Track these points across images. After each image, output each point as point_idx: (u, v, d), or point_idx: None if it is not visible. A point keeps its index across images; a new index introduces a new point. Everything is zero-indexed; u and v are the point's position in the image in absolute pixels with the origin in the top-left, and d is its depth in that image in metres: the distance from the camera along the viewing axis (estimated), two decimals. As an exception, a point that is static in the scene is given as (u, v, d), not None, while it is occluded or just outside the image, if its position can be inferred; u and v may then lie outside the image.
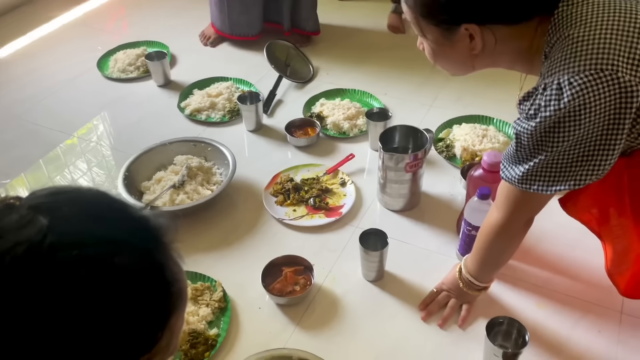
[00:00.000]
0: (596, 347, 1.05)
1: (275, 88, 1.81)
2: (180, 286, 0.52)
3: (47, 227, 0.44)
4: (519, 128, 0.84)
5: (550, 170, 0.83)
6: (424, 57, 0.99)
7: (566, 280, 1.18)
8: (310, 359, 0.97)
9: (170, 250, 0.52)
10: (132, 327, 0.47)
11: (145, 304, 0.48)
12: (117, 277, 0.46)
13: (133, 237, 0.50)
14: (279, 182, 1.45)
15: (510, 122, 1.59)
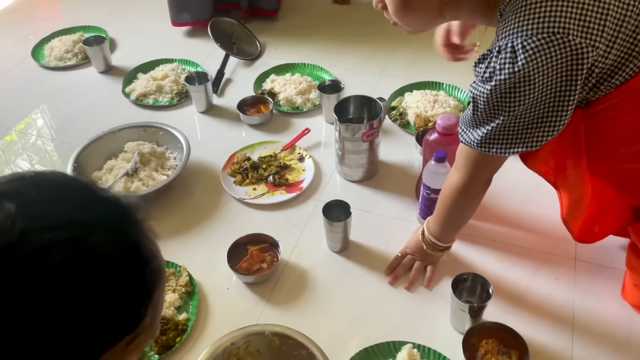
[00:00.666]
0: (555, 294, 1.11)
1: (223, 67, 1.77)
2: (158, 263, 0.52)
3: (15, 212, 0.43)
4: (475, 92, 0.85)
5: (508, 133, 0.86)
6: (371, 28, 0.99)
7: (522, 234, 1.23)
8: (283, 331, 0.97)
9: (144, 228, 0.51)
10: (114, 307, 0.47)
11: (125, 283, 0.47)
12: (93, 258, 0.45)
13: (105, 217, 0.49)
14: (236, 162, 1.43)
15: (459, 86, 1.63)
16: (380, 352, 1.01)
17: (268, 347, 0.98)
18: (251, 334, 0.97)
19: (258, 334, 0.97)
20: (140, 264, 0.49)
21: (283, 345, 0.97)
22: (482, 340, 0.99)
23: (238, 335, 0.96)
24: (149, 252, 0.50)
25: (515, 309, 1.08)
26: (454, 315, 1.04)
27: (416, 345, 1.00)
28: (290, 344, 0.96)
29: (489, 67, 0.82)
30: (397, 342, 1.01)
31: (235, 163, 1.43)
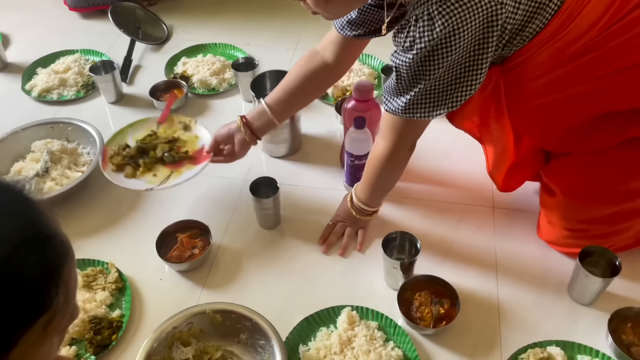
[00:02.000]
0: (478, 241, 1.17)
1: (129, 54, 1.69)
2: (61, 239, 0.51)
3: None
4: (397, 61, 0.88)
5: (430, 97, 0.90)
6: (280, 2, 0.97)
7: (443, 189, 1.29)
8: (224, 307, 0.98)
9: (40, 206, 0.51)
10: (19, 288, 0.46)
11: (27, 262, 0.46)
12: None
13: (5, 199, 0.49)
14: (115, 154, 1.24)
15: (372, 54, 1.65)
16: (321, 319, 1.03)
17: (211, 325, 0.98)
18: (192, 315, 0.97)
19: (199, 314, 0.97)
20: (42, 240, 0.48)
21: (226, 321, 0.97)
22: (416, 294, 1.03)
23: (179, 319, 0.96)
24: (49, 229, 0.50)
25: (444, 260, 1.13)
26: (387, 274, 1.08)
27: (354, 307, 1.03)
28: (233, 318, 0.97)
29: (408, 36, 0.84)
30: (336, 307, 1.04)
31: (115, 156, 1.24)
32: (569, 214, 1.08)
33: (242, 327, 0.97)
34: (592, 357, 0.95)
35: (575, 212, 1.07)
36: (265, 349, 0.95)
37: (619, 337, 0.97)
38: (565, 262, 1.10)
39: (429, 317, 1.00)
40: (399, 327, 1.01)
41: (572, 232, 1.09)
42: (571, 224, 1.08)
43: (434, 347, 0.99)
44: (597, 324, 1.00)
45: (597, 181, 1.02)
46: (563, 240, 1.11)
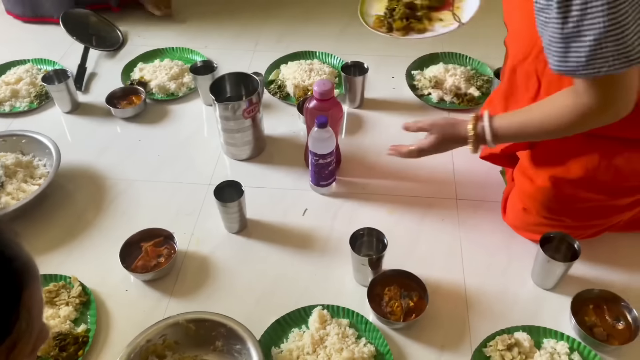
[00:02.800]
0: (443, 233, 1.19)
1: (83, 61, 1.64)
2: (23, 261, 0.49)
3: None
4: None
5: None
6: (237, 4, 0.97)
7: (408, 184, 1.30)
8: (197, 316, 0.97)
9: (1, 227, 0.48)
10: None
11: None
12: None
13: None
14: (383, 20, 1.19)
15: (331, 53, 1.66)
16: (292, 320, 1.03)
17: (186, 336, 0.97)
18: (166, 327, 0.95)
19: (173, 325, 0.96)
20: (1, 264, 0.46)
21: (200, 330, 0.96)
22: (385, 289, 1.04)
23: (152, 332, 0.94)
24: (9, 252, 0.47)
25: (411, 254, 1.15)
26: (356, 270, 1.09)
27: (325, 306, 1.03)
28: (207, 326, 0.96)
29: None
30: (306, 307, 1.04)
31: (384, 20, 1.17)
32: (555, 204, 1.05)
33: (216, 334, 0.96)
34: (557, 340, 0.98)
35: (562, 203, 1.05)
36: (241, 353, 0.94)
37: (581, 319, 1.00)
38: (528, 249, 1.13)
39: (399, 311, 1.01)
40: (370, 323, 1.01)
41: (549, 220, 1.09)
42: (552, 213, 1.07)
43: (406, 341, 1.00)
44: (561, 307, 1.03)
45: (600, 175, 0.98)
46: (533, 227, 1.12)
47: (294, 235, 1.20)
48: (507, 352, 0.96)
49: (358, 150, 1.39)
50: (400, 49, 1.72)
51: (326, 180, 1.26)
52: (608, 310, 1.01)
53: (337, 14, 1.90)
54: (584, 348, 0.96)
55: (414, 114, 1.48)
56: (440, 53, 1.65)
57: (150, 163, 1.38)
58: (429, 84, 1.53)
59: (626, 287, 1.06)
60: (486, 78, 1.56)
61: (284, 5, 1.94)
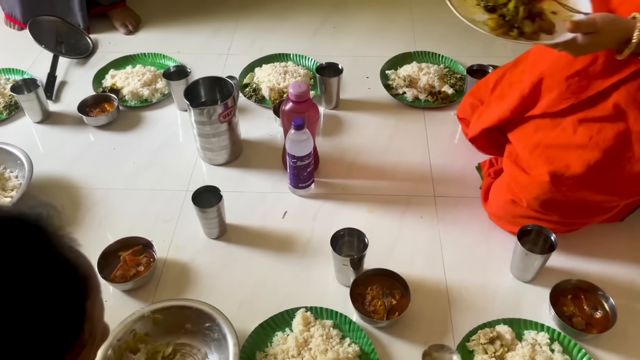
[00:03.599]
0: (422, 230, 1.20)
1: (53, 70, 1.61)
2: (84, 270, 0.49)
3: None
4: None
5: None
6: (208, 8, 0.96)
7: (386, 183, 1.31)
8: (161, 305, 0.99)
9: (61, 238, 0.48)
10: (46, 326, 0.44)
11: (52, 298, 0.44)
12: (15, 281, 0.42)
13: (17, 236, 0.45)
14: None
15: (306, 55, 1.66)
16: (276, 323, 1.02)
17: (154, 326, 1.00)
18: (133, 322, 0.98)
19: (139, 319, 0.98)
20: (65, 275, 0.46)
21: (168, 317, 0.99)
22: (367, 288, 1.04)
23: (121, 330, 0.96)
24: (71, 262, 0.47)
25: (392, 252, 1.15)
26: (338, 271, 1.09)
27: (309, 308, 1.03)
28: (173, 312, 1.00)
29: None
30: (290, 310, 1.03)
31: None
32: (550, 200, 1.04)
33: (184, 317, 0.99)
34: (538, 331, 1.00)
35: (558, 199, 1.04)
36: (212, 329, 0.98)
37: (560, 309, 1.02)
38: (506, 243, 1.14)
39: (382, 309, 1.01)
40: (354, 323, 1.01)
41: (537, 213, 1.09)
42: (544, 207, 1.06)
43: (390, 339, 1.01)
44: (540, 299, 1.05)
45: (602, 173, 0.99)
46: (517, 220, 1.11)
47: (275, 238, 1.19)
48: (489, 345, 0.97)
49: (336, 151, 1.39)
50: (373, 49, 1.73)
51: (305, 182, 1.26)
52: (586, 300, 1.03)
53: (310, 15, 1.90)
54: (563, 338, 0.98)
55: (389, 113, 1.50)
56: (413, 52, 1.67)
57: (125, 171, 1.35)
58: (403, 83, 1.55)
59: (602, 276, 1.09)
60: (459, 76, 1.58)
61: (255, 8, 1.93)
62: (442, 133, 1.43)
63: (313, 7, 1.95)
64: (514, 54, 1.68)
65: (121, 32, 1.82)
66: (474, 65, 1.49)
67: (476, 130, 1.21)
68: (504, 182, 1.15)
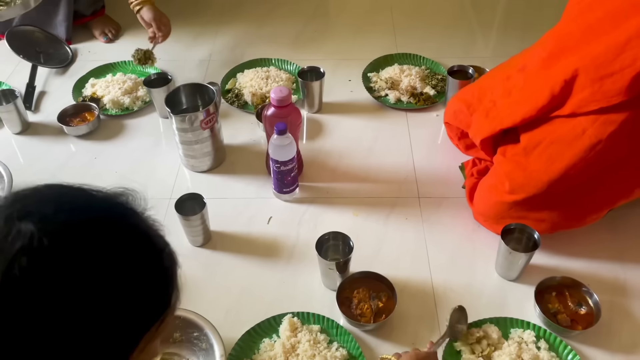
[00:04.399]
0: (408, 231, 1.20)
1: (32, 80, 1.59)
2: (170, 248, 0.55)
3: (36, 231, 0.44)
4: None
5: None
6: (187, 15, 0.95)
7: (370, 185, 1.31)
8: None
9: (147, 218, 0.54)
10: (147, 296, 0.50)
11: (151, 272, 0.51)
12: (122, 254, 0.48)
13: (115, 215, 0.52)
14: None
15: (287, 59, 1.65)
16: (263, 330, 1.01)
17: None
18: None
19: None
20: (157, 252, 0.52)
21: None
22: (354, 291, 1.04)
23: None
24: (159, 240, 0.54)
25: (377, 255, 1.15)
26: (324, 275, 1.08)
27: (295, 314, 1.03)
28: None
29: None
30: (276, 315, 1.03)
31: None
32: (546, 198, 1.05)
33: (173, 326, 0.99)
34: (524, 329, 1.00)
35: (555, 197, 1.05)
36: (200, 339, 0.98)
37: (545, 306, 1.02)
38: (490, 242, 1.15)
39: (369, 312, 1.01)
40: (341, 327, 1.01)
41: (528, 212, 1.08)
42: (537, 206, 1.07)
43: (377, 341, 1.01)
44: (525, 297, 1.06)
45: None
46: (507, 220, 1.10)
47: (260, 244, 1.19)
48: (476, 345, 0.97)
49: (319, 155, 1.39)
50: (355, 52, 1.73)
51: (289, 187, 1.26)
52: (570, 297, 1.04)
53: (291, 20, 1.90)
54: (549, 335, 0.99)
55: (372, 116, 1.50)
56: (394, 54, 1.67)
57: (107, 180, 1.32)
58: (385, 85, 1.55)
59: (586, 272, 1.10)
60: (441, 77, 1.59)
61: (236, 14, 1.93)
62: (424, 134, 1.44)
63: (294, 11, 1.95)
64: (494, 54, 1.70)
65: (101, 40, 1.81)
66: (455, 66, 1.50)
67: (493, 129, 1.15)
68: (491, 182, 1.15)
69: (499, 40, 1.81)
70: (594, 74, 0.97)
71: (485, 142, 1.20)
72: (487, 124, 1.17)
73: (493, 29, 1.88)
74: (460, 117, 1.26)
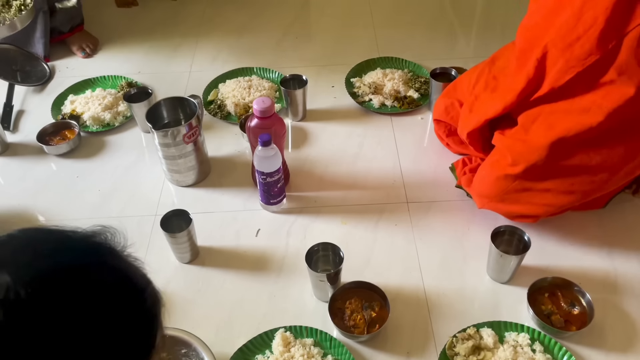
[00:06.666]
0: (398, 238, 1.19)
1: (9, 99, 1.56)
2: (152, 287, 0.53)
3: (12, 281, 0.43)
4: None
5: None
6: (167, 26, 0.93)
7: (358, 192, 1.30)
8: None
9: (126, 257, 0.53)
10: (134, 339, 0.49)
11: (136, 313, 0.50)
12: (101, 301, 0.47)
13: (93, 259, 0.50)
14: None
15: (269, 68, 1.64)
16: (255, 346, 1.00)
17: None
18: None
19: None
20: (138, 293, 0.51)
21: None
22: (346, 302, 1.03)
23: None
24: (142, 279, 0.52)
25: (368, 263, 1.14)
26: (315, 287, 1.07)
27: (288, 328, 1.01)
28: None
29: None
30: (268, 331, 1.01)
31: None
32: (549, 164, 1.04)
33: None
34: (518, 332, 0.99)
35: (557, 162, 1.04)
36: (189, 355, 0.95)
37: (538, 308, 1.02)
38: (481, 244, 1.14)
39: (362, 323, 1.00)
40: (335, 339, 1.00)
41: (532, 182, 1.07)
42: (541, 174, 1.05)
43: (372, 352, 1.00)
44: (518, 299, 1.05)
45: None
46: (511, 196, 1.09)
47: (249, 257, 1.17)
48: (472, 356, 0.96)
49: (305, 164, 1.37)
50: (337, 57, 1.73)
51: (276, 198, 1.24)
52: (563, 297, 1.03)
53: (271, 27, 1.89)
54: (544, 337, 0.98)
55: (357, 121, 1.49)
56: (376, 58, 1.67)
57: (90, 199, 1.31)
58: (368, 90, 1.54)
59: (577, 271, 1.10)
60: (424, 79, 1.58)
61: (216, 24, 1.91)
62: (410, 138, 1.43)
63: (274, 19, 1.93)
64: (476, 55, 1.70)
65: (79, 55, 1.78)
66: (437, 69, 1.50)
67: (478, 121, 1.17)
68: (493, 159, 1.14)
69: (480, 40, 1.82)
70: (561, 43, 1.00)
71: (472, 136, 1.22)
72: (471, 118, 1.20)
73: (473, 30, 1.88)
74: (452, 113, 1.29)
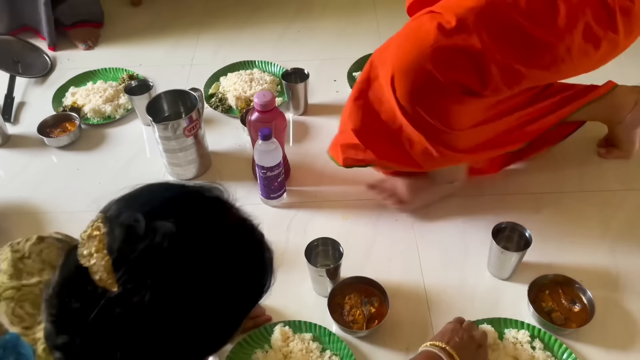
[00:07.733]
0: (398, 233, 1.19)
1: (10, 91, 1.56)
2: (265, 237, 0.64)
3: (174, 227, 0.54)
4: None
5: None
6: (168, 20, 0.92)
7: (358, 187, 1.28)
8: None
9: (242, 211, 0.63)
10: (257, 281, 0.62)
11: (262, 256, 0.62)
12: (239, 246, 0.59)
13: (223, 205, 0.61)
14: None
15: (271, 61, 1.63)
16: (254, 340, 0.99)
17: None
18: None
19: None
20: (259, 242, 0.63)
21: None
22: (345, 297, 1.03)
23: None
24: (258, 231, 0.63)
25: (368, 258, 1.14)
26: (314, 282, 1.07)
27: (287, 323, 1.01)
28: None
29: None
30: (267, 325, 1.01)
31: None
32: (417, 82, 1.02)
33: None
34: (518, 329, 0.99)
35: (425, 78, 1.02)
36: None
37: (539, 305, 1.01)
38: (482, 240, 1.13)
39: (361, 318, 1.00)
40: (334, 335, 0.99)
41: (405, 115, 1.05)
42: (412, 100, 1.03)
43: (371, 348, 0.99)
44: (518, 296, 1.04)
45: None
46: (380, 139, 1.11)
47: (249, 252, 1.16)
48: (471, 347, 0.96)
49: (306, 158, 1.37)
50: (339, 51, 1.71)
51: (276, 192, 1.24)
52: (564, 294, 1.02)
53: (273, 21, 1.88)
54: (544, 334, 0.98)
55: (359, 116, 1.48)
56: (379, 52, 1.65)
57: (91, 192, 1.31)
58: (371, 85, 1.53)
59: (578, 268, 1.09)
60: (426, 74, 1.57)
61: (218, 17, 1.90)
62: (412, 133, 1.42)
63: (276, 12, 1.92)
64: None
65: (80, 48, 1.77)
66: (440, 63, 1.48)
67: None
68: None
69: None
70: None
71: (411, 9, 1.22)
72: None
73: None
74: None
